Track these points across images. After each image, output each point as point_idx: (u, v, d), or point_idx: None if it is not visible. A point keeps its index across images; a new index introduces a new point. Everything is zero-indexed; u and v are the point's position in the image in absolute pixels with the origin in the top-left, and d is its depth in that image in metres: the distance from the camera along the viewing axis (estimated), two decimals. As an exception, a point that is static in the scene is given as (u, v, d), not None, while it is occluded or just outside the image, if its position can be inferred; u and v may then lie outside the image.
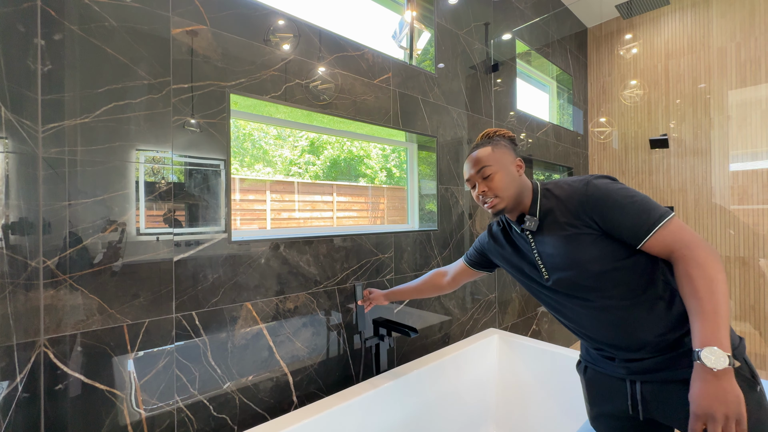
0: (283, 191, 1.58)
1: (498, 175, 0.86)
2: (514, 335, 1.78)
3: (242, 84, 1.18)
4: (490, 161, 0.87)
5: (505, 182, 0.86)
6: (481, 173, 0.88)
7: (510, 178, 0.87)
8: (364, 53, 1.53)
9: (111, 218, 0.94)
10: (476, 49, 2.13)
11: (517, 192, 0.87)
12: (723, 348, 0.60)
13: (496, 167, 0.87)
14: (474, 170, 0.89)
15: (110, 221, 0.94)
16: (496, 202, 0.87)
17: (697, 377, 0.62)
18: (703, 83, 2.79)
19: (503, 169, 0.87)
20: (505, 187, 0.86)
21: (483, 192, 0.88)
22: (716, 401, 0.59)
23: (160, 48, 1.02)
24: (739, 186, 2.65)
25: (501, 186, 0.86)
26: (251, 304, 1.19)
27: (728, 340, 0.61)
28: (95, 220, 0.92)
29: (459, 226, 1.98)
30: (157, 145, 1.01)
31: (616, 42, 3.23)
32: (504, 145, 0.91)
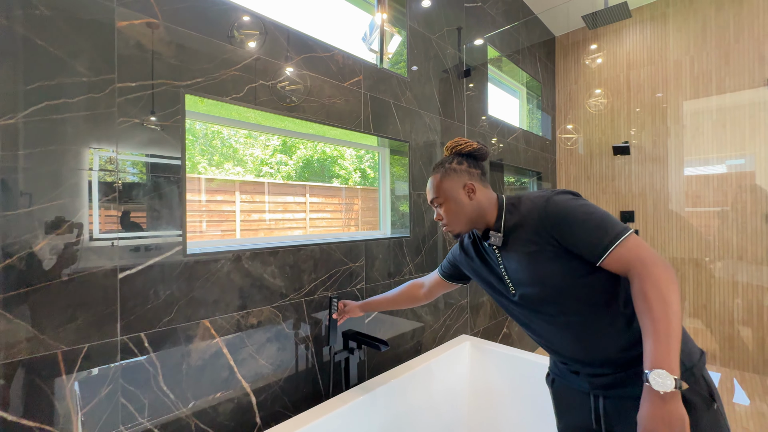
0: (253, 192, 1.50)
1: (446, 206, 0.90)
2: (486, 342, 1.78)
3: (199, 84, 1.09)
4: (438, 193, 0.90)
5: (453, 212, 0.89)
6: (434, 202, 0.93)
7: (458, 207, 0.88)
8: (333, 54, 1.47)
9: (40, 232, 0.83)
10: (448, 54, 2.12)
11: (470, 217, 0.89)
12: (671, 371, 0.61)
13: (443, 198, 0.90)
14: (429, 199, 0.95)
15: (39, 235, 0.83)
16: (449, 228, 0.92)
17: (646, 398, 0.63)
18: (660, 93, 2.93)
19: (451, 199, 0.89)
20: (454, 217, 0.89)
21: (438, 218, 0.94)
22: (661, 423, 0.60)
23: (103, 41, 0.92)
24: (692, 192, 2.80)
25: (450, 216, 0.90)
26: (209, 321, 1.10)
27: (677, 362, 0.62)
28: (21, 234, 0.81)
29: (431, 231, 1.96)
30: (97, 151, 0.91)
31: (582, 51, 3.35)
32: (454, 169, 0.90)
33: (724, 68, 2.66)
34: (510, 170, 2.94)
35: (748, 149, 2.57)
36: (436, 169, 0.93)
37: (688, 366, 0.73)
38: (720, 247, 2.69)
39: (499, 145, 2.61)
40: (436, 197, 0.91)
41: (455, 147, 0.93)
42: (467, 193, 0.88)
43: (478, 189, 0.89)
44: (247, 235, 1.47)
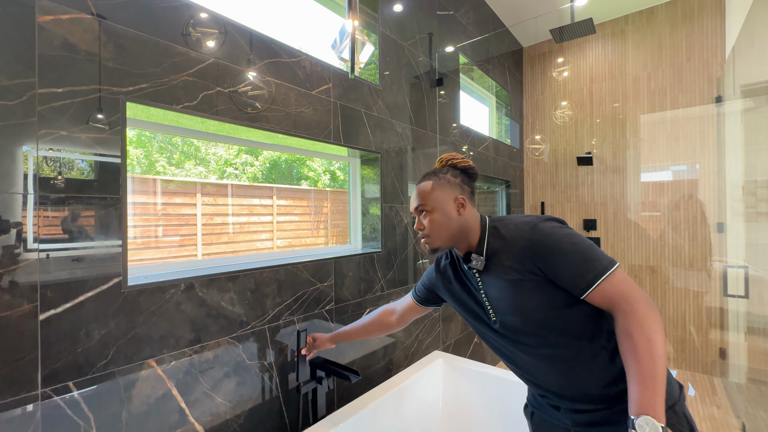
0: (216, 194, 1.38)
1: (432, 216, 0.84)
2: (459, 359, 1.74)
3: (143, 90, 0.95)
4: (427, 200, 0.84)
5: (438, 223, 0.83)
6: (418, 210, 0.86)
7: (445, 219, 0.83)
8: (300, 60, 1.37)
9: (-67, 271, 0.67)
10: (421, 62, 2.07)
11: (453, 233, 0.84)
12: (658, 418, 0.59)
13: (432, 207, 0.84)
14: (413, 206, 0.88)
15: (-68, 275, 0.67)
16: (429, 240, 0.85)
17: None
18: (618, 105, 3.06)
19: (439, 210, 0.83)
20: (438, 229, 0.83)
21: (419, 228, 0.87)
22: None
23: (19, 39, 0.77)
24: (649, 202, 2.94)
25: (434, 228, 0.84)
26: (155, 361, 0.97)
27: (663, 408, 0.61)
28: None
29: (403, 245, 1.90)
30: (8, 173, 0.76)
31: (548, 63, 3.43)
32: (448, 180, 0.85)
33: (677, 85, 2.81)
34: (480, 179, 2.95)
35: (698, 159, 2.73)
36: (429, 176, 0.87)
37: (669, 404, 0.71)
38: (673, 254, 2.84)
39: (469, 153, 2.60)
40: (424, 204, 0.84)
41: (451, 160, 0.89)
42: (457, 207, 0.84)
43: (468, 206, 0.85)
44: (209, 240, 1.35)
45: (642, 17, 2.97)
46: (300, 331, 1.20)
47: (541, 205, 3.45)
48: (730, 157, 2.52)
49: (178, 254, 1.26)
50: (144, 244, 1.18)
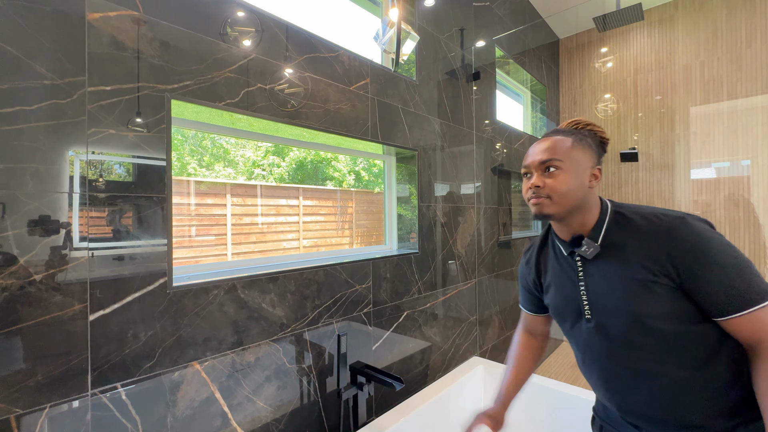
0: (245, 195, 1.39)
1: (564, 176, 0.67)
2: (501, 366, 1.65)
3: (188, 88, 0.94)
4: (563, 156, 0.68)
5: (568, 186, 0.67)
6: (545, 164, 0.69)
7: (577, 184, 0.68)
8: (339, 55, 1.33)
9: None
10: (457, 55, 1.99)
11: (577, 204, 0.69)
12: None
13: (567, 165, 0.68)
14: (538, 158, 0.70)
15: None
16: (545, 203, 0.69)
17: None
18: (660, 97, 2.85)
19: (573, 172, 0.68)
20: (566, 192, 0.67)
21: (536, 187, 0.69)
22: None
23: (70, 38, 0.76)
24: (702, 201, 2.72)
25: (561, 189, 0.67)
26: (199, 363, 0.95)
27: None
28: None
29: (441, 246, 1.83)
30: (59, 173, 0.75)
31: (588, 54, 3.25)
32: (588, 145, 0.71)
33: (735, 74, 2.59)
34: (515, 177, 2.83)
35: (761, 155, 2.49)
36: (564, 133, 0.72)
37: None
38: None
39: (503, 150, 2.49)
40: (558, 160, 0.68)
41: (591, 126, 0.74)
42: (590, 177, 0.70)
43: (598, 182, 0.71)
44: (239, 239, 1.35)
45: (694, 2, 2.75)
46: (340, 335, 1.16)
47: (579, 204, 3.27)
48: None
49: (209, 254, 1.27)
50: (178, 244, 1.19)
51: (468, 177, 2.06)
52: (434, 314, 1.78)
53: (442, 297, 1.83)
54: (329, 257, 1.46)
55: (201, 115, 1.05)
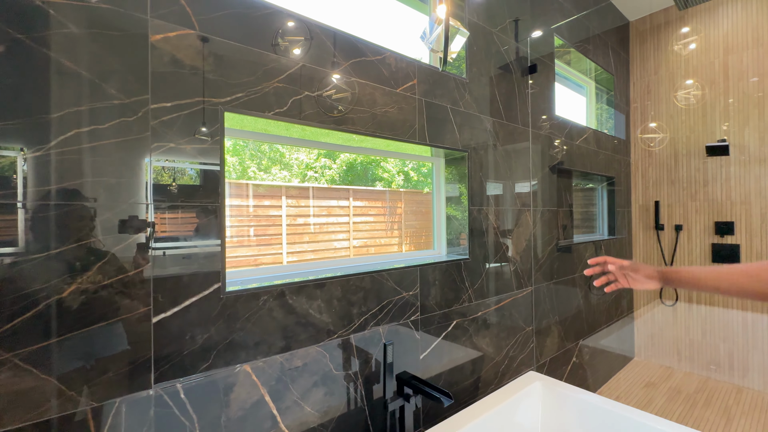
0: (298, 196, 1.45)
1: None
2: (561, 384, 1.52)
3: (239, 99, 0.97)
4: None
5: None
6: None
7: None
8: (385, 57, 1.30)
9: (71, 276, 0.74)
10: (511, 48, 1.87)
11: None
12: None
13: None
14: None
15: (70, 279, 0.74)
16: None
17: None
18: (757, 79, 2.42)
19: None
20: None
21: None
22: None
23: (136, 59, 0.82)
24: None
25: None
26: (250, 366, 0.98)
27: None
28: (50, 279, 0.72)
29: (493, 252, 1.73)
30: (130, 185, 0.81)
31: (665, 36, 2.89)
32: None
33: None
34: (576, 175, 2.60)
35: None
36: None
37: None
38: None
39: (563, 147, 2.30)
40: None
41: None
42: None
43: None
44: (293, 239, 1.41)
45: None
46: (387, 345, 1.13)
47: (654, 204, 2.92)
48: None
49: (266, 252, 1.34)
50: (239, 243, 1.27)
51: (523, 178, 1.93)
52: (486, 323, 1.68)
53: (495, 306, 1.73)
54: (376, 263, 1.44)
55: (258, 124, 1.09)
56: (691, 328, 2.76)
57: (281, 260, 1.39)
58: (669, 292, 2.87)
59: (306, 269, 1.28)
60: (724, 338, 2.62)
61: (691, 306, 2.77)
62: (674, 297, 2.85)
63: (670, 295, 2.87)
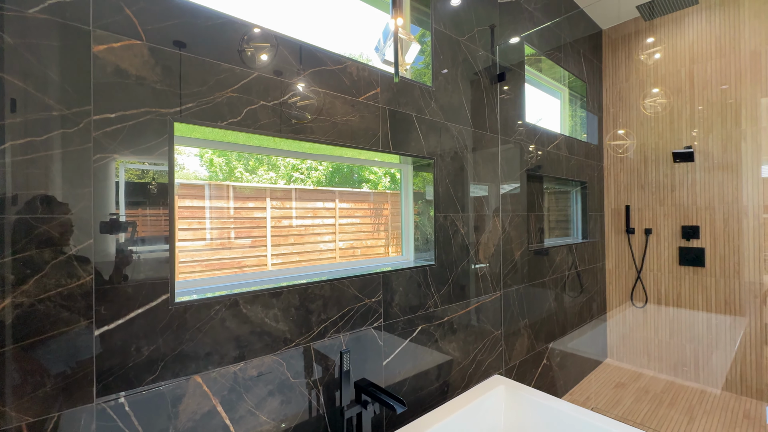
0: (284, 198, 1.46)
1: None
2: (525, 388, 1.55)
3: (190, 110, 0.97)
4: None
5: None
6: None
7: None
8: (346, 66, 1.31)
9: (2, 290, 0.73)
10: (480, 57, 1.90)
11: None
12: None
13: None
14: None
15: (2, 293, 0.73)
16: None
17: None
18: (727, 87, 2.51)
19: None
20: None
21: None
22: None
23: (77, 70, 0.81)
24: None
25: None
26: (201, 377, 0.98)
27: None
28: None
29: (460, 258, 1.75)
30: (72, 195, 0.80)
31: (634, 45, 2.97)
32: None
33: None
34: (549, 180, 2.65)
35: None
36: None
37: None
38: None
39: (537, 153, 2.34)
40: None
41: None
42: None
43: None
44: (278, 241, 1.42)
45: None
46: (343, 353, 1.14)
47: (625, 209, 3.00)
48: None
49: (251, 254, 1.35)
50: (221, 245, 1.28)
51: (492, 184, 1.96)
52: (453, 328, 1.71)
53: (462, 310, 1.75)
54: (336, 270, 1.45)
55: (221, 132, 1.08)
56: (660, 329, 2.84)
57: (266, 262, 1.40)
58: (639, 294, 2.95)
59: (263, 278, 1.28)
60: (690, 339, 2.70)
61: (660, 308, 2.84)
62: (644, 299, 2.92)
63: (640, 297, 2.94)
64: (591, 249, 2.97)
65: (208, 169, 1.32)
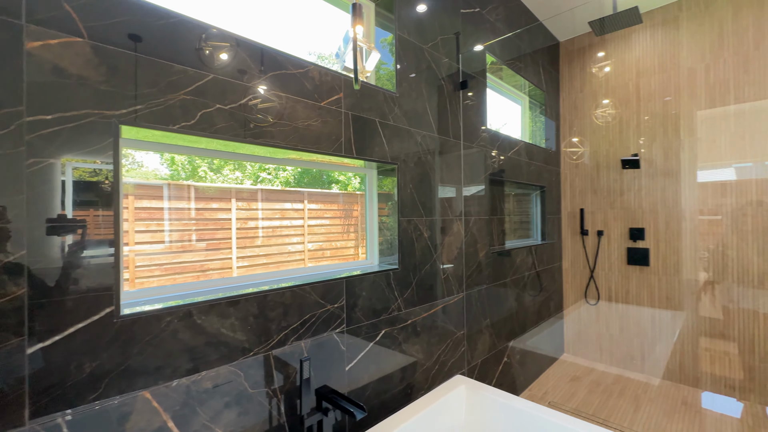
0: (250, 199, 1.42)
1: None
2: (484, 387, 1.60)
3: (139, 112, 0.92)
4: None
5: None
6: None
7: None
8: (308, 71, 1.30)
9: None
10: (443, 64, 1.95)
11: None
12: None
13: None
14: None
15: None
16: None
17: None
18: (670, 99, 2.74)
19: None
20: None
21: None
22: None
23: (7, 68, 0.75)
24: (708, 209, 2.60)
25: None
26: (150, 393, 0.93)
27: None
28: None
29: (423, 261, 1.78)
30: (1, 202, 0.74)
31: (588, 58, 3.16)
32: None
33: (743, 77, 2.46)
34: (510, 185, 2.76)
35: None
36: None
37: None
38: (739, 269, 2.49)
39: (499, 158, 2.43)
40: None
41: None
42: None
43: None
44: (244, 243, 1.38)
45: (699, 2, 2.64)
46: (303, 360, 1.13)
47: (580, 212, 3.17)
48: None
49: (215, 257, 1.31)
50: (182, 248, 1.22)
51: (455, 188, 2.01)
52: (416, 331, 1.73)
53: (426, 313, 1.79)
54: (298, 277, 1.43)
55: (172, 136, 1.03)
56: (611, 324, 3.03)
57: (231, 266, 1.35)
58: (592, 292, 3.13)
59: (220, 286, 1.24)
60: (637, 333, 2.90)
61: (611, 304, 3.04)
62: (597, 296, 3.11)
63: (593, 295, 3.13)
64: (549, 250, 3.12)
65: (170, 168, 1.26)
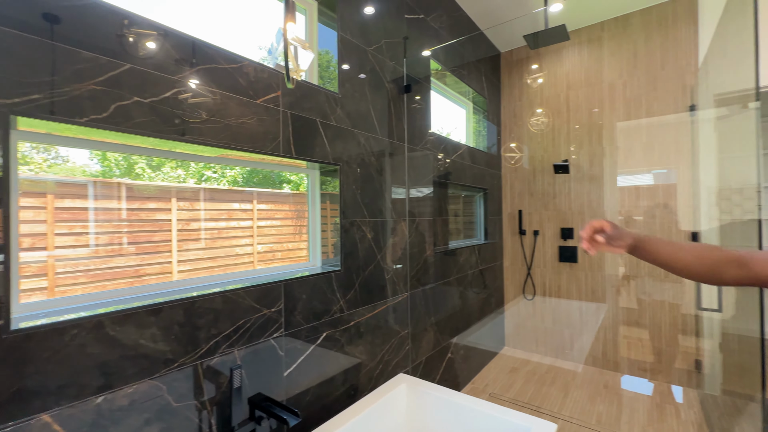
0: (193, 199, 1.33)
1: None
2: (424, 383, 1.64)
3: (36, 102, 0.82)
4: None
5: None
6: None
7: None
8: (242, 66, 1.25)
9: None
10: (387, 67, 1.97)
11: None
12: None
13: None
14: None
15: None
16: None
17: None
18: (596, 109, 3.02)
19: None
20: None
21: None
22: None
23: None
24: (625, 210, 2.90)
25: None
26: (51, 416, 0.84)
27: None
28: None
29: (366, 262, 1.79)
30: None
31: (525, 69, 3.38)
32: None
33: (652, 93, 2.78)
34: (456, 187, 2.87)
35: (673, 167, 2.70)
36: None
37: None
38: (648, 264, 2.80)
39: (445, 162, 2.52)
40: None
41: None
42: None
43: None
44: (185, 245, 1.29)
45: (618, 24, 2.94)
46: (233, 369, 1.08)
47: (518, 213, 3.39)
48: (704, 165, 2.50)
49: (152, 261, 1.21)
50: (112, 251, 1.12)
51: (400, 190, 2.05)
52: (360, 332, 1.74)
53: (369, 314, 1.79)
54: (236, 280, 1.37)
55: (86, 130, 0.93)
56: (545, 317, 3.27)
57: (171, 270, 1.25)
58: (529, 288, 3.35)
59: (136, 294, 1.15)
60: (567, 325, 3.15)
61: (545, 299, 3.27)
62: (533, 292, 3.33)
63: (530, 290, 3.35)
64: (492, 249, 3.29)
65: (101, 164, 1.13)
